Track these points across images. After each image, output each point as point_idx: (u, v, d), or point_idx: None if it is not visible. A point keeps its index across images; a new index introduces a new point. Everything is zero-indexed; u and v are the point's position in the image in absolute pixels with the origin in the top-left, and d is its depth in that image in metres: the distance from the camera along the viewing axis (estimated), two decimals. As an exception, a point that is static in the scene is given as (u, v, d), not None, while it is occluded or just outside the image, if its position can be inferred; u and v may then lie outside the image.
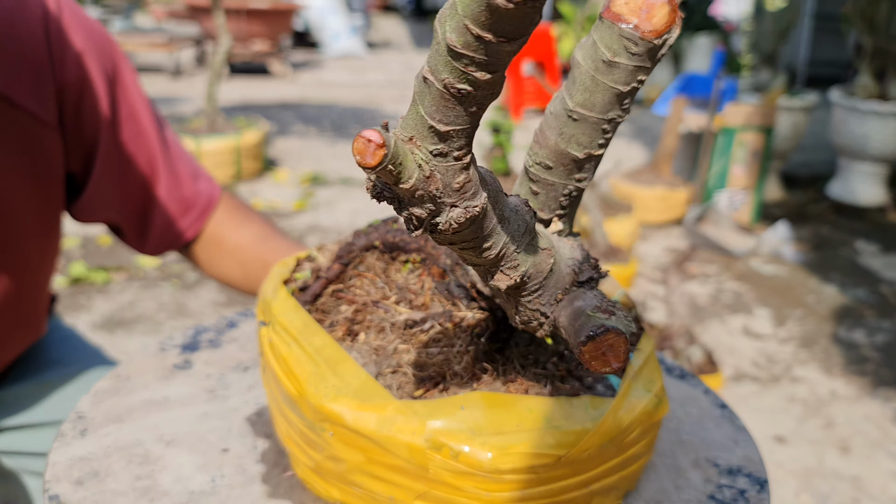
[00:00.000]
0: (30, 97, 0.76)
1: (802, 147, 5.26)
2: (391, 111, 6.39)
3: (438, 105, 0.34)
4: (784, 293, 3.22)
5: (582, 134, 0.46)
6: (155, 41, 7.48)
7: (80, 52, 0.80)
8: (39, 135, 0.78)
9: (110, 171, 0.85)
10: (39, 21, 0.77)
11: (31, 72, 0.76)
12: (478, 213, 0.38)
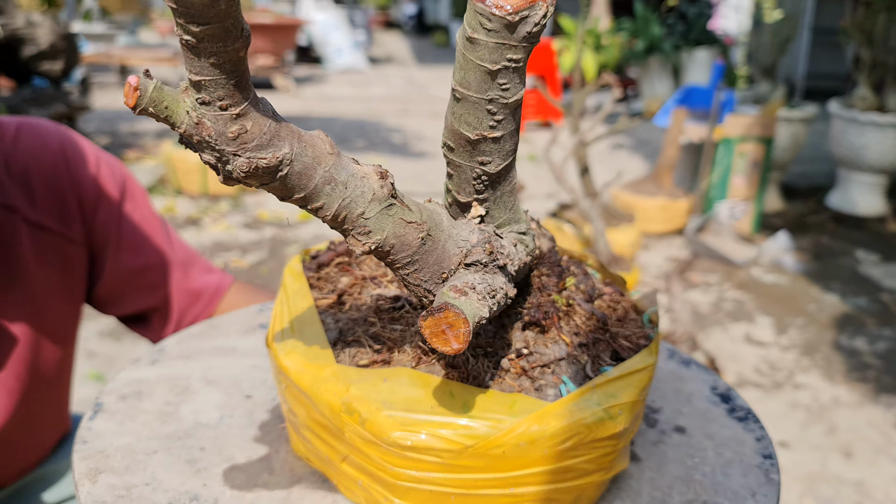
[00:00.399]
0: (57, 221, 0.88)
1: (802, 158, 5.30)
2: (394, 124, 6.45)
3: (186, 57, 0.39)
4: (785, 302, 3.24)
5: (468, 113, 0.47)
6: (159, 56, 7.55)
7: (93, 175, 0.92)
8: (67, 250, 0.90)
9: (122, 269, 0.95)
10: (58, 155, 0.89)
11: (56, 198, 0.89)
12: (267, 165, 0.42)
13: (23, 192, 0.87)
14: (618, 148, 5.84)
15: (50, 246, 0.89)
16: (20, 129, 0.89)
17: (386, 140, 5.85)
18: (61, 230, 0.90)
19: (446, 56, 12.00)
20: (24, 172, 0.87)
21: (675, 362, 0.79)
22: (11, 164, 0.87)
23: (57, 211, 0.89)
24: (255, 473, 0.58)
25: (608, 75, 3.19)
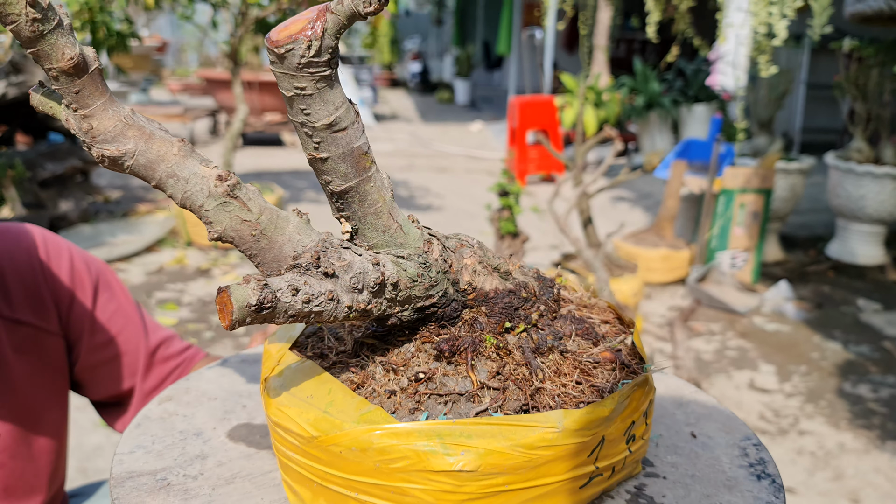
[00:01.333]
0: (33, 314, 0.95)
1: (800, 209, 5.39)
2: (399, 178, 6.57)
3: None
4: (788, 349, 3.27)
5: (300, 136, 0.56)
6: (171, 112, 7.74)
7: (67, 270, 0.99)
8: (45, 341, 0.96)
9: (96, 358, 1.02)
10: (32, 253, 0.97)
11: (31, 293, 0.95)
12: (110, 155, 0.55)
13: (3, 290, 0.93)
14: (619, 200, 5.93)
15: (28, 339, 0.94)
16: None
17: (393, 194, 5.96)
18: (38, 323, 0.95)
19: (450, 113, 12.24)
20: (4, 275, 0.93)
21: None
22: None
23: (33, 305, 0.95)
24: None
25: (609, 129, 3.29)
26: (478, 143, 8.89)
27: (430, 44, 20.04)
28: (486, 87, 15.55)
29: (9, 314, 0.93)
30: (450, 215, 5.25)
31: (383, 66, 18.14)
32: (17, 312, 0.94)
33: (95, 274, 1.02)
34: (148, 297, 3.57)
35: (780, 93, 4.44)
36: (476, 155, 8.06)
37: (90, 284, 1.01)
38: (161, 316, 3.34)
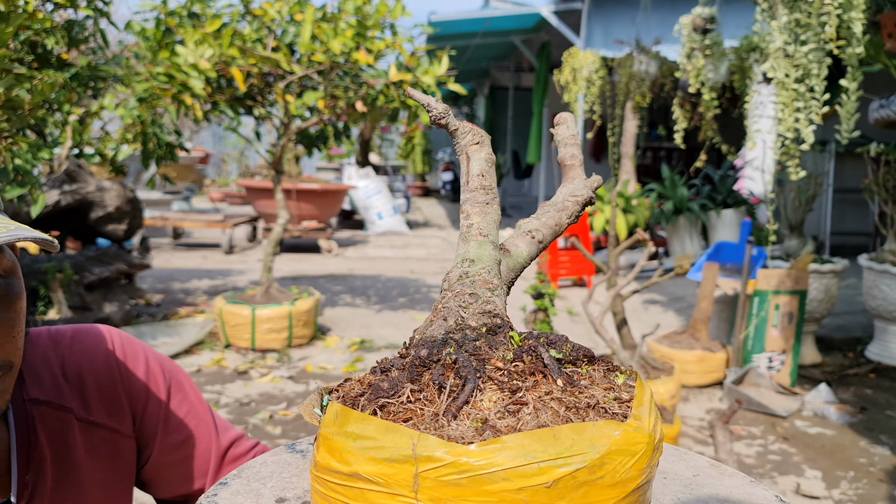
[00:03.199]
0: (108, 416, 0.98)
1: (836, 311, 5.34)
2: (432, 283, 6.67)
3: None
4: (833, 454, 3.19)
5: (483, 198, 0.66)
6: (211, 220, 8.03)
7: (142, 372, 1.02)
8: (118, 443, 0.99)
9: (167, 459, 1.05)
10: (111, 355, 1.01)
11: (107, 395, 0.99)
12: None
13: (77, 392, 0.96)
14: (651, 303, 5.94)
15: (101, 440, 0.97)
16: (76, 334, 1.00)
17: (425, 297, 6.04)
18: (112, 425, 0.98)
19: (481, 219, 12.45)
20: (79, 374, 0.97)
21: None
22: (67, 367, 0.96)
23: (109, 407, 0.98)
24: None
25: (641, 232, 3.36)
26: (509, 249, 9.02)
27: (460, 154, 20.63)
28: (516, 195, 15.89)
29: (85, 416, 0.96)
30: (483, 318, 5.30)
31: (416, 175, 18.71)
32: (93, 414, 0.96)
33: (169, 375, 1.05)
34: (186, 398, 3.62)
35: (809, 196, 4.52)
36: (507, 259, 8.17)
37: (164, 386, 1.03)
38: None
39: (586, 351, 0.64)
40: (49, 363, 0.95)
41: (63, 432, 0.93)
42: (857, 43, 3.62)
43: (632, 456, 0.53)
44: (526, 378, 0.58)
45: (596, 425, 0.53)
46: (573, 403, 0.56)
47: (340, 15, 3.81)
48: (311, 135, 4.84)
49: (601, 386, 0.59)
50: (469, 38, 10.38)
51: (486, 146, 0.75)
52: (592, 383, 0.60)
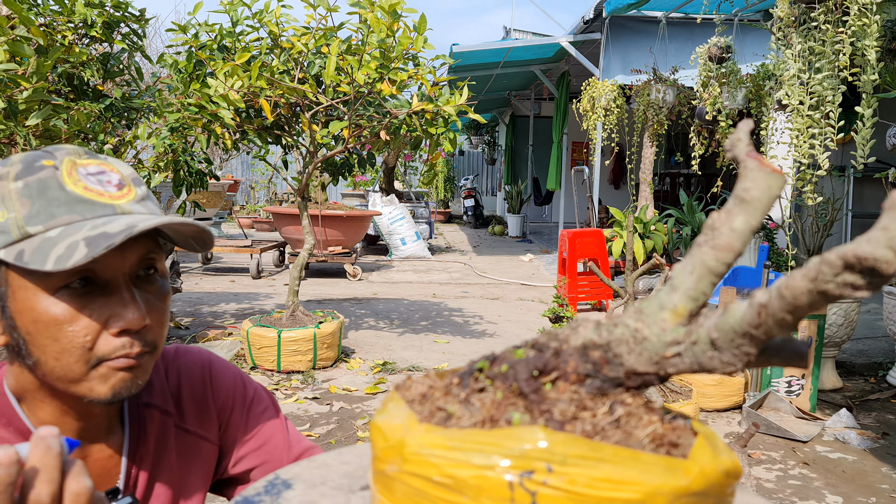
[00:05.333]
0: (198, 424, 1.08)
1: (857, 335, 5.33)
2: (454, 306, 6.74)
3: None
4: (855, 480, 3.19)
5: (750, 241, 0.59)
6: (240, 245, 8.20)
7: (230, 387, 1.13)
8: (205, 449, 1.09)
9: (246, 461, 1.14)
10: (205, 372, 1.12)
11: (199, 406, 1.09)
12: None
13: (176, 400, 1.07)
14: (673, 328, 5.96)
15: (191, 446, 1.07)
16: (179, 350, 1.12)
17: (447, 320, 6.12)
18: (202, 433, 1.08)
19: (502, 245, 12.56)
20: (178, 385, 1.08)
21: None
22: (170, 378, 1.08)
23: (199, 416, 1.09)
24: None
25: (658, 257, 3.43)
26: (529, 273, 9.08)
27: (483, 181, 20.83)
28: (537, 221, 15.97)
29: (180, 423, 1.06)
30: (504, 341, 5.35)
31: (439, 202, 18.85)
32: (187, 422, 1.07)
33: (252, 391, 1.15)
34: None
35: (827, 221, 4.55)
36: (528, 284, 8.23)
37: (247, 400, 1.14)
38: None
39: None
40: (158, 373, 1.07)
41: (165, 435, 1.04)
42: (872, 70, 3.68)
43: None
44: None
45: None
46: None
47: (365, 48, 3.95)
48: (336, 163, 4.98)
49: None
50: (491, 68, 10.54)
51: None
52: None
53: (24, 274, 0.85)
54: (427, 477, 0.52)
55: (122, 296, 0.87)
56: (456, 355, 4.96)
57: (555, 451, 0.50)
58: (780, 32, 3.97)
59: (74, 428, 0.94)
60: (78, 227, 0.84)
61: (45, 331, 0.85)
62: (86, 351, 0.85)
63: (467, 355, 4.92)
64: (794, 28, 3.88)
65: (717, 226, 0.57)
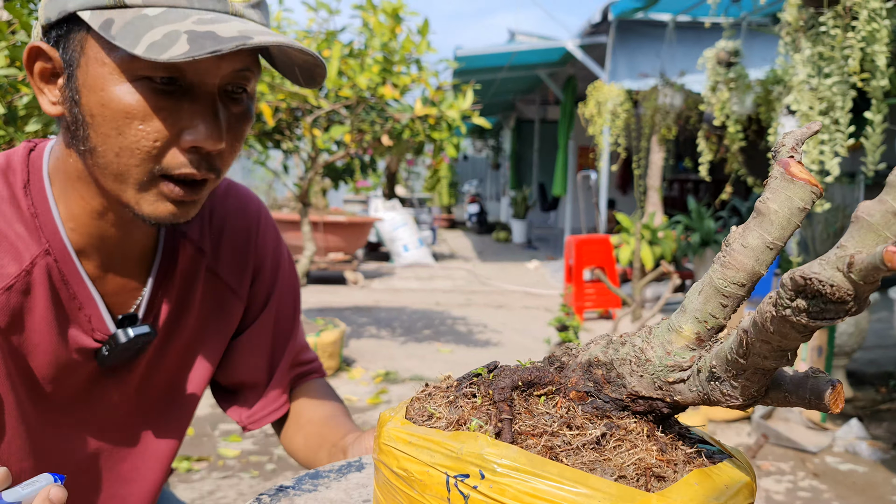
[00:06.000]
0: (234, 278, 1.00)
1: (868, 345, 5.25)
2: (457, 314, 6.68)
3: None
4: (866, 491, 3.12)
5: (770, 259, 0.54)
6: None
7: (272, 248, 1.04)
8: (231, 302, 1.00)
9: (257, 336, 1.05)
10: (253, 221, 1.03)
11: (238, 259, 1.00)
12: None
13: (214, 242, 0.98)
14: (680, 336, 5.89)
15: (218, 295, 0.98)
16: (229, 189, 1.02)
17: (451, 329, 6.05)
18: (232, 285, 1.00)
19: (507, 252, 12.50)
20: (221, 226, 0.99)
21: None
22: (214, 217, 0.98)
23: (234, 267, 1.00)
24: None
25: (666, 265, 3.36)
26: (535, 281, 9.02)
27: (487, 186, 20.79)
28: (542, 227, 15.90)
29: (213, 266, 0.97)
30: (508, 350, 5.29)
31: (442, 207, 18.80)
32: (220, 268, 0.98)
33: (289, 265, 1.08)
34: (212, 430, 3.66)
35: (837, 228, 4.48)
36: (533, 292, 8.16)
37: (277, 267, 1.05)
38: (224, 448, 3.41)
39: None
40: (202, 208, 0.96)
41: (193, 272, 0.95)
42: (882, 76, 3.61)
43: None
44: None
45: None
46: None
47: (367, 51, 3.90)
48: (337, 168, 4.92)
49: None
50: (495, 71, 10.50)
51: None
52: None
53: (106, 48, 0.74)
54: (389, 467, 0.56)
55: (206, 108, 0.77)
56: (459, 365, 4.89)
57: (491, 460, 0.51)
58: (789, 37, 3.91)
59: (104, 234, 0.84)
60: (182, 14, 0.73)
61: (112, 120, 0.74)
62: (150, 157, 0.76)
63: (471, 365, 4.85)
64: (802, 33, 3.82)
65: (730, 241, 0.53)
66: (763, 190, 0.54)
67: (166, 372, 0.96)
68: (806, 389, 0.49)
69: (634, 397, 0.58)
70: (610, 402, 0.59)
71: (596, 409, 0.59)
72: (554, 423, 0.58)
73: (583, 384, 0.61)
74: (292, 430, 1.06)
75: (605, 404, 0.59)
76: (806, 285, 0.40)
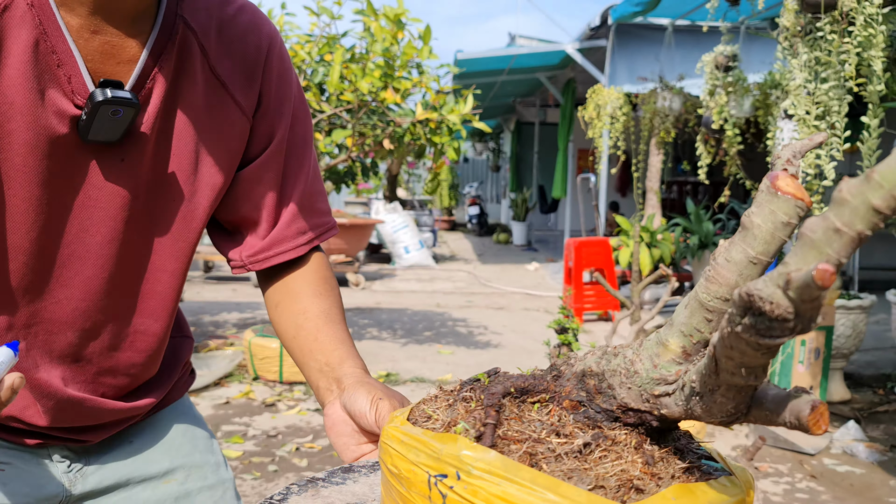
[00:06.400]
0: (239, 90, 0.94)
1: (865, 347, 5.28)
2: (458, 316, 6.71)
3: (846, 245, 0.42)
4: (863, 493, 3.15)
5: (756, 274, 0.53)
6: (243, 254, 8.18)
7: (279, 75, 0.99)
8: (236, 115, 0.94)
9: (265, 170, 0.98)
10: (265, 41, 0.97)
11: (246, 73, 0.95)
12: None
13: (219, 47, 0.91)
14: (679, 338, 5.93)
15: (223, 103, 0.92)
16: (243, 7, 0.96)
17: (451, 331, 6.09)
18: (237, 97, 0.93)
19: (507, 254, 12.53)
20: (230, 37, 0.93)
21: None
22: (224, 31, 0.92)
23: (240, 79, 0.93)
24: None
25: (664, 268, 3.40)
26: (534, 283, 9.05)
27: (487, 188, 20.82)
28: (542, 229, 15.94)
29: (217, 70, 0.91)
30: (508, 352, 5.32)
31: (443, 209, 18.83)
32: (224, 74, 0.92)
33: (299, 96, 1.02)
34: (215, 431, 3.69)
35: (834, 232, 4.51)
36: (533, 293, 8.20)
37: (286, 96, 0.99)
38: (227, 448, 3.44)
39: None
40: (210, 9, 0.92)
41: (193, 66, 0.89)
42: (878, 81, 3.65)
43: None
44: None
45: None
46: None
47: (369, 56, 3.94)
48: (339, 171, 4.96)
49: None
50: (495, 74, 10.54)
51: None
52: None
53: None
54: (385, 464, 0.59)
55: None
56: (460, 366, 4.92)
57: (468, 462, 0.53)
58: (787, 42, 3.95)
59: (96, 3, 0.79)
60: None
61: None
62: None
63: (471, 366, 4.88)
64: (799, 38, 3.86)
65: (716, 255, 0.53)
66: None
67: (163, 172, 0.89)
68: (785, 409, 0.48)
69: (624, 409, 0.58)
70: (601, 413, 0.59)
71: (587, 418, 0.59)
72: (542, 431, 0.58)
73: (576, 393, 0.61)
74: (283, 312, 1.00)
75: (597, 414, 0.59)
76: (750, 302, 0.40)
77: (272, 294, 1.02)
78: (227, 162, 0.94)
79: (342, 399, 0.87)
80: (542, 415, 0.61)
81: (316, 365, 0.93)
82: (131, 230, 0.88)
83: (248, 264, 1.00)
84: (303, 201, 1.01)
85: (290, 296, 1.00)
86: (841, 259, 0.39)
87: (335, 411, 0.87)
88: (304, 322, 0.97)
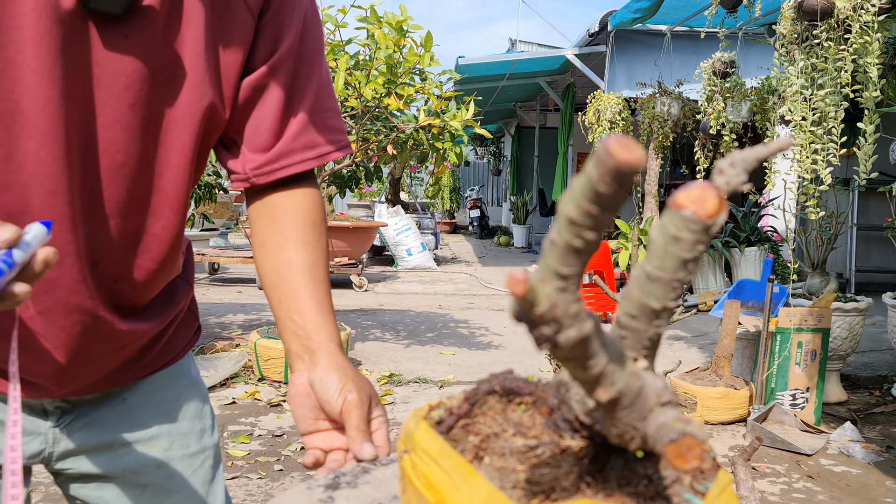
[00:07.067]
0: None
1: (862, 349, 5.34)
2: (460, 318, 6.77)
3: (561, 256, 0.48)
4: (859, 493, 3.21)
5: (658, 290, 0.54)
6: (247, 255, 8.24)
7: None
8: (243, 15, 0.91)
9: (269, 79, 0.94)
10: None
11: None
12: (588, 334, 0.50)
13: None
14: (675, 339, 5.98)
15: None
16: None
17: (453, 332, 6.15)
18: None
19: (508, 256, 12.60)
20: None
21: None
22: None
23: None
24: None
25: (662, 270, 3.46)
26: (536, 285, 9.10)
27: (488, 191, 20.89)
28: (543, 232, 15.99)
29: None
30: (509, 353, 5.38)
31: (445, 212, 18.90)
32: None
33: (314, 14, 0.98)
34: (222, 431, 3.76)
35: (831, 235, 4.58)
36: (534, 296, 8.25)
37: (302, 15, 0.96)
38: (232, 448, 3.50)
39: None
40: None
41: None
42: (874, 87, 3.72)
43: None
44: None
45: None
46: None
47: (372, 63, 4.01)
48: (343, 175, 5.03)
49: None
50: (496, 79, 10.61)
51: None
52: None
53: None
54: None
55: None
56: (462, 367, 4.99)
57: (414, 441, 0.62)
58: (783, 49, 4.01)
59: None
60: None
61: None
62: None
63: (473, 367, 4.95)
64: (796, 45, 3.93)
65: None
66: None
67: (167, 57, 0.86)
68: (661, 433, 0.49)
69: (578, 421, 0.60)
70: (565, 423, 0.61)
71: (555, 426, 0.61)
72: (510, 430, 0.62)
73: (551, 401, 0.63)
74: (268, 249, 0.98)
75: (563, 423, 0.61)
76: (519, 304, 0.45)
77: (259, 229, 0.99)
78: (233, 57, 0.90)
79: (311, 376, 0.87)
80: (522, 416, 0.64)
81: (292, 326, 0.92)
82: (136, 115, 0.85)
83: (252, 177, 0.96)
84: (313, 115, 0.97)
85: (276, 236, 0.97)
86: (560, 269, 0.45)
87: (302, 383, 0.88)
88: (287, 275, 0.94)
